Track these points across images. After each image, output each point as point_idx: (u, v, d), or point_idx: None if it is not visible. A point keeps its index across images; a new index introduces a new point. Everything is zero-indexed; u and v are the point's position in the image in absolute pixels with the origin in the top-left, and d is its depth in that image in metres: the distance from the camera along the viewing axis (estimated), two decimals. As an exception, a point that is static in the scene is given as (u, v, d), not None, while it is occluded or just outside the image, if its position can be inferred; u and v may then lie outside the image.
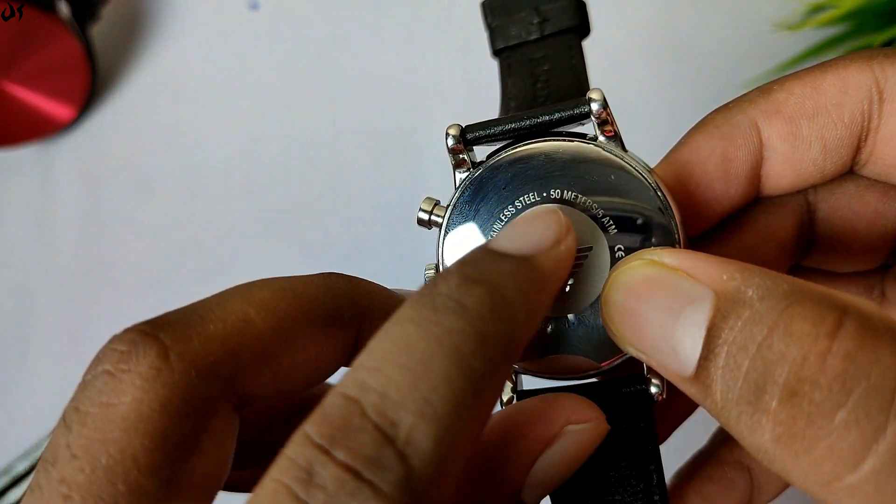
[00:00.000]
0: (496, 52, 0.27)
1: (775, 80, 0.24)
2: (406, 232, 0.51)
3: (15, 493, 0.49)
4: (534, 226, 0.20)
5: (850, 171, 0.24)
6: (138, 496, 0.17)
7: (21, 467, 0.49)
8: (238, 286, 0.20)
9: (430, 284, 0.18)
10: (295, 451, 0.15)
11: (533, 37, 0.26)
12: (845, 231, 0.25)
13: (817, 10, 0.48)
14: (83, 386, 0.19)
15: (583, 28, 0.27)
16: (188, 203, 0.53)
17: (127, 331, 0.19)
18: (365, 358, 0.17)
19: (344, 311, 0.21)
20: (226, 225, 0.52)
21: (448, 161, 0.24)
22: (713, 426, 0.27)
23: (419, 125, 0.53)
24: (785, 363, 0.16)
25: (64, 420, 0.18)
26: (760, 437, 0.17)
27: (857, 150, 0.23)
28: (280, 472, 0.15)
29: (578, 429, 0.21)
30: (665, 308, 0.18)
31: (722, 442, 0.26)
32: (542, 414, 0.21)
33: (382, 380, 0.16)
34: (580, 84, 0.25)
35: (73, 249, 0.53)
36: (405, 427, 0.15)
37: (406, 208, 0.51)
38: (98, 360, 0.19)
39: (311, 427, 0.16)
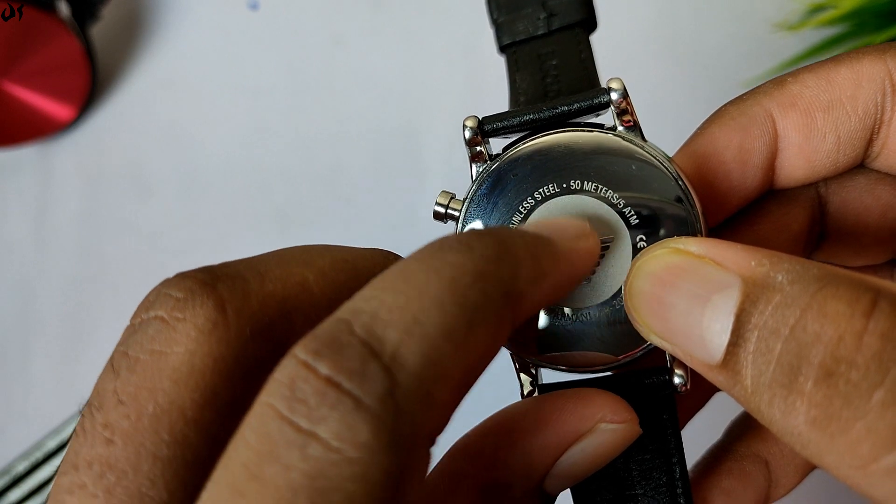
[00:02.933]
0: (503, 48, 0.27)
1: (788, 73, 0.24)
2: (406, 232, 0.51)
3: (15, 494, 0.49)
4: (558, 220, 0.20)
5: (861, 165, 0.24)
6: (183, 448, 0.17)
7: (21, 467, 0.49)
8: (297, 247, 0.20)
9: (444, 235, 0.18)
10: (281, 370, 0.15)
11: (540, 32, 0.26)
12: (856, 224, 0.25)
13: (817, 10, 0.48)
14: (132, 330, 0.18)
15: (590, 22, 0.26)
16: (188, 203, 0.53)
17: (183, 276, 0.18)
18: (364, 288, 0.17)
19: None
20: (225, 225, 0.52)
21: (448, 160, 0.24)
22: (723, 420, 0.27)
23: (419, 125, 0.53)
24: (820, 344, 0.16)
25: (112, 364, 0.18)
26: (794, 420, 0.17)
27: (870, 142, 0.23)
28: (267, 394, 0.15)
29: (612, 428, 0.20)
30: (692, 295, 0.18)
31: (738, 436, 0.26)
32: (577, 407, 0.21)
33: (375, 303, 0.16)
34: (591, 78, 0.25)
35: (73, 249, 0.53)
36: (392, 342, 0.15)
37: (406, 208, 0.51)
38: (149, 303, 0.18)
39: (298, 346, 0.15)
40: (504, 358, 0.23)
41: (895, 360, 0.16)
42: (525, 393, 0.22)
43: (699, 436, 0.26)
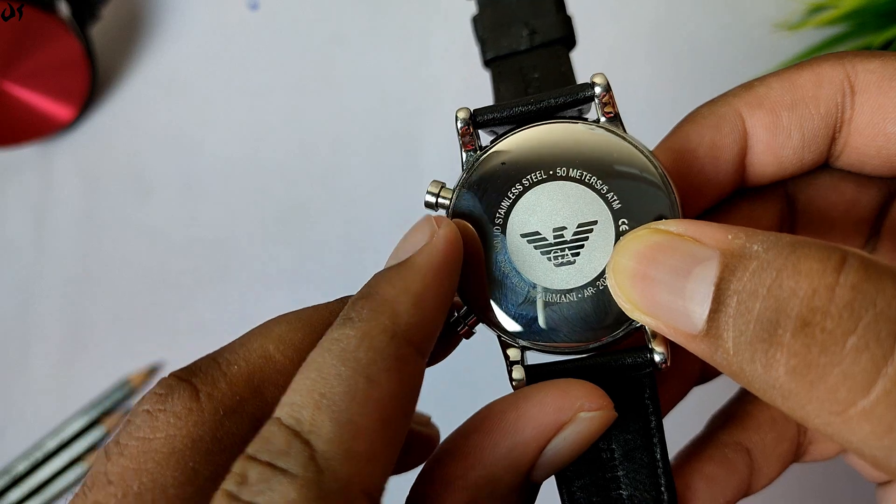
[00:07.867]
0: (487, 63, 0.28)
1: (756, 78, 0.25)
2: (405, 232, 0.50)
3: (15, 494, 0.49)
4: (409, 236, 0.23)
5: (825, 165, 0.25)
6: None
7: (21, 467, 0.49)
8: (260, 325, 0.23)
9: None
10: (236, 465, 0.18)
11: (523, 47, 0.28)
12: (823, 220, 0.27)
13: (817, 10, 0.48)
14: (125, 424, 0.21)
15: (569, 40, 0.28)
16: (188, 203, 0.53)
17: (168, 376, 0.21)
18: (286, 392, 0.19)
19: None
20: (225, 224, 0.53)
21: (446, 159, 0.24)
22: (700, 421, 0.27)
23: (418, 125, 0.53)
24: (796, 298, 0.17)
25: (105, 451, 0.20)
26: (776, 372, 0.18)
27: (833, 140, 0.25)
28: (225, 482, 0.18)
29: (590, 416, 0.21)
30: (674, 269, 0.19)
31: (720, 425, 0.27)
32: (556, 402, 0.22)
33: (292, 394, 0.19)
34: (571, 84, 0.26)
35: (73, 249, 0.53)
36: (307, 420, 0.18)
37: (406, 208, 0.51)
38: (140, 401, 0.21)
39: (248, 447, 0.19)
40: (497, 363, 0.23)
41: (866, 308, 0.17)
42: (516, 377, 0.23)
43: (678, 435, 0.26)
